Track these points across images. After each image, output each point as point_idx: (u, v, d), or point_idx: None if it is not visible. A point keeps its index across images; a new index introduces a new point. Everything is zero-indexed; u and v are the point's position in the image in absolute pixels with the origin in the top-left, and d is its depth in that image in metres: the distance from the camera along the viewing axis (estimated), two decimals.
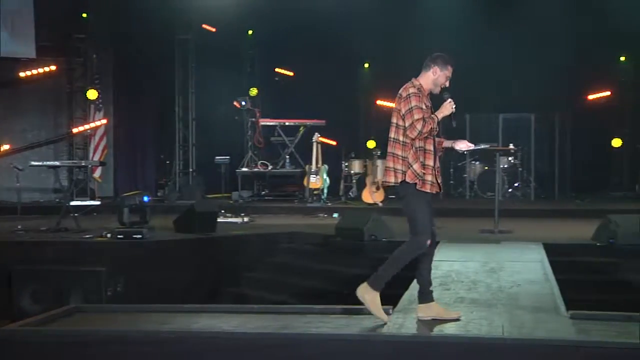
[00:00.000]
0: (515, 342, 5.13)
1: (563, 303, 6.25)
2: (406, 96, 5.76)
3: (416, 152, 5.68)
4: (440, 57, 5.93)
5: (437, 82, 5.87)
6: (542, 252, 8.78)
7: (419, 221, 5.64)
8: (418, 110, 5.67)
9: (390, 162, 5.81)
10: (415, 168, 5.65)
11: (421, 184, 5.65)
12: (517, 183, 15.98)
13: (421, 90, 5.79)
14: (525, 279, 7.30)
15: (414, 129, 5.63)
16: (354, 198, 15.35)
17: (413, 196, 5.67)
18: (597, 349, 4.95)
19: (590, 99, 16.85)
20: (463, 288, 6.96)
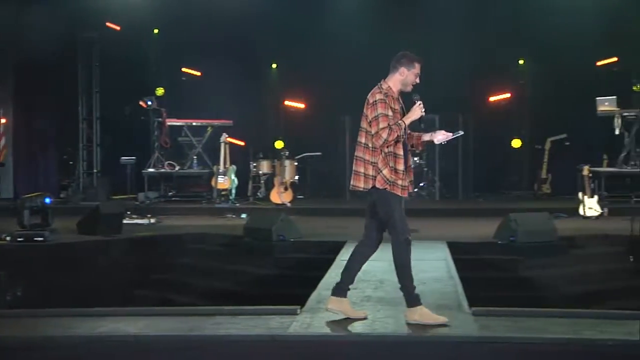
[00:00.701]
0: (420, 339, 5.24)
1: (466, 300, 6.41)
2: (373, 102, 5.75)
3: (385, 157, 5.69)
4: (405, 56, 5.95)
5: (407, 81, 5.90)
6: (446, 250, 8.98)
7: (397, 221, 5.68)
8: (384, 118, 5.66)
9: (359, 167, 5.80)
10: (384, 174, 5.67)
11: (391, 188, 5.67)
12: (422, 183, 16.27)
13: (389, 94, 5.79)
14: (430, 277, 7.45)
15: (380, 138, 5.64)
16: (262, 198, 15.33)
17: (386, 200, 5.69)
18: (499, 344, 5.12)
19: (492, 100, 17.35)
20: (370, 287, 7.05)
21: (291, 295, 6.59)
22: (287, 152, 15.12)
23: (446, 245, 9.25)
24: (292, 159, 15.24)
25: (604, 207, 12.96)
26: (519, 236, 9.46)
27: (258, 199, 15.33)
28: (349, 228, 11.50)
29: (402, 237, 5.66)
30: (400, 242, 5.68)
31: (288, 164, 14.98)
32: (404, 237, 5.67)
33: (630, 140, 14.42)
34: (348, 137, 16.93)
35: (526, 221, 9.71)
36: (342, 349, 5.27)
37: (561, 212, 12.87)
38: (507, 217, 9.90)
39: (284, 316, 5.88)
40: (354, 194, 17.07)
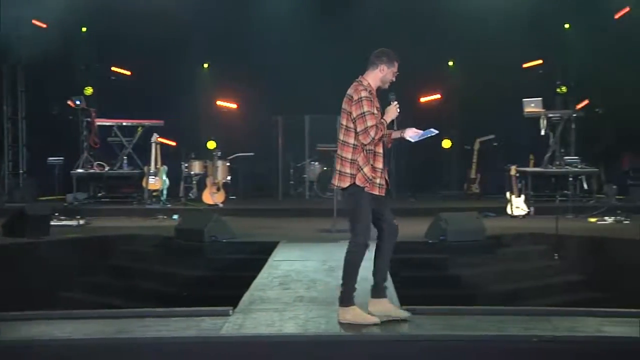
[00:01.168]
0: (353, 339, 5.28)
1: (397, 299, 6.47)
2: (358, 99, 5.69)
3: (367, 155, 5.66)
4: (386, 53, 5.97)
5: (385, 79, 5.89)
6: None
7: (361, 223, 5.66)
8: (371, 116, 5.63)
9: (338, 165, 5.74)
10: (365, 171, 5.64)
11: (370, 187, 5.65)
12: None
13: (371, 92, 5.77)
14: (362, 276, 7.42)
15: (367, 136, 5.60)
16: (194, 199, 15.20)
17: (359, 199, 5.65)
18: (429, 342, 5.19)
19: (422, 101, 17.57)
20: (302, 287, 7.07)
21: (224, 297, 6.55)
22: (219, 152, 15.03)
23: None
24: (224, 160, 15.16)
25: (530, 206, 13.28)
26: (448, 235, 9.62)
27: (190, 200, 15.20)
28: (282, 228, 11.54)
29: (362, 240, 5.65)
30: (359, 244, 5.66)
31: (220, 165, 14.89)
32: (364, 241, 5.66)
33: (555, 141, 14.79)
34: (280, 137, 16.96)
35: (456, 220, 9.88)
36: (275, 349, 5.26)
37: (490, 211, 13.14)
38: (437, 216, 10.05)
39: (216, 317, 5.85)
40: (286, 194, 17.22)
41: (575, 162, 14.43)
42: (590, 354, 5.20)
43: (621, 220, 12.35)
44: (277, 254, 8.86)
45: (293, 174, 16.78)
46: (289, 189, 16.76)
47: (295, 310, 6.08)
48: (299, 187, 16.74)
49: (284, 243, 9.56)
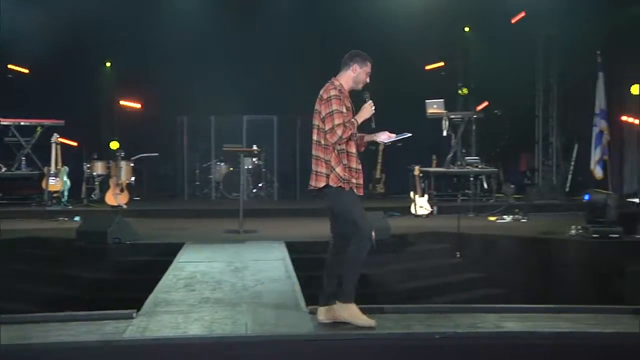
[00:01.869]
0: (258, 339, 5.28)
1: (303, 299, 6.51)
2: (327, 98, 5.63)
3: (338, 154, 5.61)
4: (359, 54, 5.91)
5: (358, 79, 5.84)
6: (284, 250, 9.08)
7: (357, 217, 5.58)
8: (339, 114, 5.57)
9: (313, 165, 5.69)
10: (338, 171, 5.59)
11: (347, 187, 5.59)
12: (261, 183, 16.37)
13: (342, 92, 5.71)
14: (269, 277, 7.51)
15: (334, 134, 5.55)
16: (96, 200, 14.86)
17: (342, 197, 5.60)
18: (334, 341, 5.24)
19: None
20: (208, 288, 7.01)
21: (127, 299, 6.44)
22: (122, 152, 14.73)
23: (284, 245, 9.34)
24: (128, 160, 14.87)
25: (433, 205, 13.56)
26: None
27: (92, 201, 14.84)
28: (188, 229, 11.42)
29: (366, 233, 5.57)
30: (363, 237, 5.57)
31: (124, 165, 14.59)
32: (368, 233, 5.57)
33: (457, 142, 15.14)
34: (186, 137, 16.78)
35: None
36: (180, 351, 5.21)
37: (394, 210, 13.33)
38: None
39: (119, 321, 5.75)
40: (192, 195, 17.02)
41: (476, 162, 14.81)
42: (490, 349, 5.35)
43: (519, 218, 12.76)
44: (182, 256, 8.77)
45: (199, 174, 16.63)
46: (194, 189, 16.60)
47: (201, 312, 6.03)
48: (205, 188, 16.60)
49: (189, 244, 9.46)
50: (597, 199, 10.59)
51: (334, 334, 5.40)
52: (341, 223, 5.70)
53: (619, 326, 5.79)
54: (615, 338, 5.42)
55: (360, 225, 5.57)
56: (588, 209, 10.68)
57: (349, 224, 5.61)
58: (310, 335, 5.37)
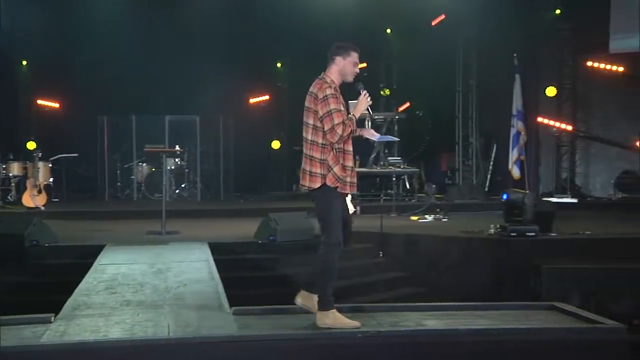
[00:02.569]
0: (181, 341, 5.22)
1: (226, 300, 6.46)
2: (323, 97, 5.54)
3: (336, 154, 5.53)
4: (340, 46, 5.80)
5: (345, 71, 5.73)
6: (207, 251, 8.99)
7: (333, 222, 5.53)
8: (338, 113, 5.49)
9: (306, 165, 5.58)
10: (336, 171, 5.52)
11: (342, 186, 5.54)
12: (183, 184, 16.22)
13: (336, 89, 5.63)
14: (191, 278, 7.44)
15: (335, 134, 5.47)
16: (13, 202, 14.46)
17: (330, 198, 5.54)
18: (255, 342, 5.23)
19: (252, 102, 17.68)
20: (130, 291, 6.90)
21: (46, 303, 6.28)
22: (40, 153, 14.37)
23: (207, 246, 9.26)
24: (45, 161, 14.52)
25: (356, 205, 13.65)
26: (278, 235, 9.71)
27: (8, 203, 14.43)
28: (109, 231, 11.21)
29: (334, 239, 5.54)
30: (332, 244, 5.54)
31: (41, 166, 14.24)
32: (336, 240, 5.54)
33: (379, 142, 15.30)
34: (106, 137, 16.48)
35: (285, 220, 9.98)
36: (100, 355, 5.11)
37: None
38: (267, 216, 10.12)
39: (37, 325, 5.60)
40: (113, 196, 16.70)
41: (398, 163, 15.00)
42: (412, 347, 5.43)
43: (440, 218, 12.97)
44: (103, 258, 8.60)
45: (120, 175, 16.36)
46: (116, 190, 16.33)
47: (122, 315, 5.93)
48: (127, 189, 16.35)
49: (110, 246, 9.29)
50: (515, 198, 10.85)
51: (257, 335, 5.39)
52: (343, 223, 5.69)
53: (535, 322, 5.95)
54: (531, 334, 5.57)
55: (331, 231, 5.56)
56: (506, 208, 10.94)
57: (322, 225, 5.62)
58: (233, 336, 5.34)
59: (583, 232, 10.96)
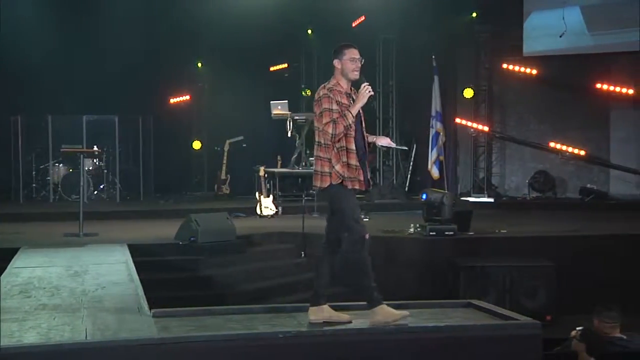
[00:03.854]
0: (99, 345, 5.12)
1: (146, 302, 6.37)
2: (317, 99, 5.63)
3: (338, 152, 5.53)
4: (335, 49, 5.86)
5: (346, 70, 5.74)
6: (127, 253, 8.86)
7: (350, 218, 5.53)
8: (327, 113, 5.53)
9: (316, 165, 5.62)
10: (337, 169, 5.52)
11: (349, 183, 5.53)
12: (102, 185, 15.93)
13: (334, 89, 5.63)
14: (110, 280, 7.32)
15: (326, 133, 5.53)
16: None
17: (340, 195, 5.54)
18: (176, 344, 5.18)
19: (172, 102, 17.49)
20: (45, 294, 6.74)
21: None
22: None
23: (126, 248, 9.13)
24: None
25: (278, 205, 13.68)
26: (199, 236, 9.64)
27: None
28: (24, 233, 10.93)
29: (357, 235, 5.53)
30: (356, 240, 5.54)
31: None
32: (360, 235, 5.53)
33: (301, 143, 15.35)
34: (20, 137, 16.02)
35: (206, 221, 9.93)
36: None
37: (240, 211, 13.36)
38: (187, 217, 10.04)
39: None
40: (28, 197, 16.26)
41: None
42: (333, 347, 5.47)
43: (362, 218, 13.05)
44: (17, 261, 8.37)
45: (35, 176, 15.95)
46: (31, 192, 15.89)
47: (37, 319, 5.78)
48: (43, 190, 15.94)
49: (25, 249, 9.05)
50: (434, 198, 11.05)
51: (177, 337, 5.34)
52: (335, 223, 5.71)
53: (453, 319, 6.07)
54: (449, 331, 5.68)
55: (352, 227, 5.57)
56: (425, 208, 11.13)
57: (342, 224, 5.62)
58: (153, 339, 5.27)
59: (499, 231, 11.25)
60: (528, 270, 9.92)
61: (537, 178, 16.23)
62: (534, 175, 16.29)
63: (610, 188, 16.03)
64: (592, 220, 12.89)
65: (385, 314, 5.61)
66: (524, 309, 8.16)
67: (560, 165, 16.38)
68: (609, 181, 16.14)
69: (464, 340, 5.62)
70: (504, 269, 9.82)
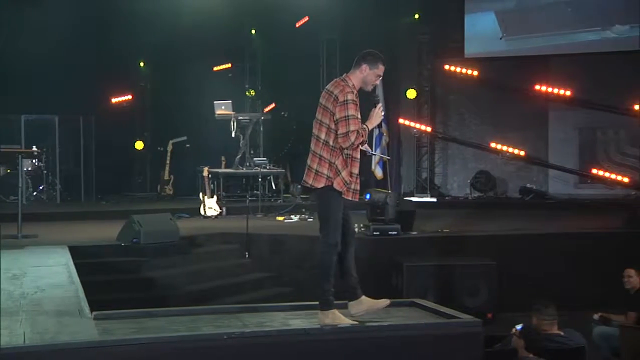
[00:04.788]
0: (38, 349, 5.02)
1: (87, 305, 6.28)
2: (343, 101, 5.44)
3: (346, 159, 5.47)
4: (371, 54, 5.68)
5: (367, 80, 5.65)
6: (67, 255, 8.71)
7: (332, 224, 5.55)
8: (354, 120, 5.43)
9: (313, 163, 5.50)
10: (344, 176, 5.48)
11: (346, 192, 5.49)
12: (41, 186, 15.63)
13: (357, 95, 5.54)
14: (50, 283, 7.19)
15: (347, 140, 5.41)
16: None
17: (333, 200, 5.51)
18: (117, 347, 5.12)
19: (114, 102, 17.25)
20: None
21: None
22: None
23: (67, 250, 8.98)
24: None
25: (222, 206, 13.61)
26: (142, 237, 9.54)
27: None
28: None
29: (332, 240, 5.57)
30: (329, 244, 5.57)
31: None
32: (334, 242, 5.57)
33: (245, 143, 15.30)
34: None
35: (149, 222, 9.83)
36: None
37: (183, 212, 13.26)
38: (130, 218, 9.92)
39: None
40: None
41: (264, 164, 15.05)
42: (278, 347, 5.47)
43: (306, 218, 13.12)
44: None
45: None
46: None
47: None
48: None
49: None
50: (377, 198, 11.13)
51: (119, 339, 5.28)
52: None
53: (396, 318, 6.13)
54: (393, 330, 5.73)
55: (330, 232, 5.60)
56: (369, 208, 11.20)
57: (323, 227, 5.63)
58: (94, 342, 5.20)
59: (442, 230, 11.39)
60: (470, 269, 10.06)
61: (478, 178, 16.48)
62: (476, 176, 16.53)
63: (549, 187, 16.35)
64: (532, 219, 13.14)
65: (334, 318, 5.65)
66: (466, 307, 8.27)
67: (501, 165, 16.65)
68: (547, 181, 16.47)
69: (407, 339, 5.69)
70: (447, 268, 9.94)
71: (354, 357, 5.60)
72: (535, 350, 6.05)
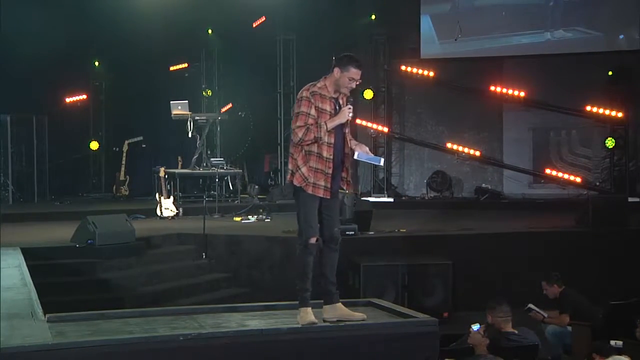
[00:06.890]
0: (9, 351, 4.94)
1: (40, 307, 6.20)
2: (299, 98, 5.54)
3: (305, 155, 5.46)
4: (344, 57, 5.65)
5: (339, 83, 5.60)
6: (20, 257, 8.59)
7: (302, 222, 5.60)
8: (302, 116, 5.46)
9: (290, 162, 5.69)
10: (303, 171, 5.48)
11: (311, 188, 5.45)
12: None
13: (317, 93, 5.51)
14: (2, 285, 7.07)
15: (295, 135, 5.47)
16: None
17: (302, 198, 5.52)
18: (71, 349, 5.06)
19: (68, 101, 17.03)
20: None
21: None
22: None
23: (19, 252, 8.84)
24: None
25: (179, 207, 13.52)
26: (97, 238, 9.43)
27: None
28: None
29: (303, 239, 5.61)
30: (301, 243, 5.63)
31: None
32: (304, 240, 5.60)
33: (202, 143, 15.24)
34: None
35: (104, 223, 9.73)
36: None
37: (139, 213, 13.14)
38: (84, 219, 9.80)
39: None
40: None
41: (221, 164, 14.99)
42: (234, 348, 5.45)
43: (263, 218, 13.10)
44: None
45: None
46: None
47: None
48: None
49: None
50: None
51: (73, 342, 5.21)
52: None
53: None
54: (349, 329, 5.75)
55: (303, 230, 5.65)
56: None
57: (298, 225, 5.70)
58: (47, 345, 5.13)
59: (398, 230, 11.46)
60: (426, 268, 10.14)
61: (434, 178, 16.62)
62: (432, 176, 16.67)
63: (504, 187, 16.55)
64: (487, 219, 13.30)
65: (302, 316, 5.70)
66: (423, 307, 8.34)
67: (457, 165, 16.80)
68: (502, 181, 16.67)
69: (364, 338, 5.72)
70: (403, 268, 10.01)
71: (310, 357, 5.62)
72: (493, 349, 6.13)
